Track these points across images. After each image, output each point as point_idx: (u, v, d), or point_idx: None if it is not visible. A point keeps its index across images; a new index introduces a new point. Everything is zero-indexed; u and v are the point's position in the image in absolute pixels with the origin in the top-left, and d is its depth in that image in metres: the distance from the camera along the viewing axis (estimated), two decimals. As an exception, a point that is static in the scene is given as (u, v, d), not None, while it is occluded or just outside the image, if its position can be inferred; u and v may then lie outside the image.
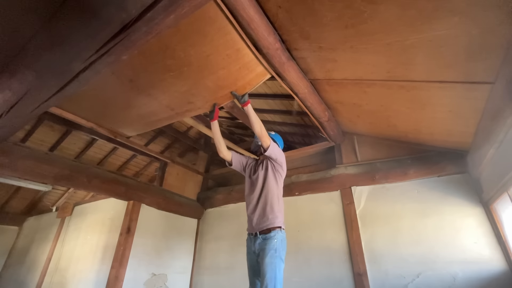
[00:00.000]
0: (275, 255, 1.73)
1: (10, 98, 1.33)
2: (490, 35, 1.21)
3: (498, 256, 2.06)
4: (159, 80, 1.99)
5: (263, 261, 1.73)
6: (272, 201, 1.89)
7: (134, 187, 3.14)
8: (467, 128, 2.00)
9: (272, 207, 1.86)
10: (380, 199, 2.72)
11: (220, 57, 1.79)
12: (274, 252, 1.74)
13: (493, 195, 2.06)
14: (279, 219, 1.84)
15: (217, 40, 1.67)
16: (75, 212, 4.14)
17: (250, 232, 1.93)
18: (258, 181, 1.99)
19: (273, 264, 1.70)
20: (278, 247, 1.75)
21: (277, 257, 1.73)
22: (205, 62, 1.82)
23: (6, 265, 4.72)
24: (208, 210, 4.03)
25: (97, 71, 1.26)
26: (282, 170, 2.02)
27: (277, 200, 1.91)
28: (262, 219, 1.85)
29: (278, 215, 1.85)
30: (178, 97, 2.19)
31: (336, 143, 3.16)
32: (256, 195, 1.95)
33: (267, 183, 1.95)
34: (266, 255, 1.73)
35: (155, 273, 3.18)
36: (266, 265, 1.70)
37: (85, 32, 1.07)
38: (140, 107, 2.29)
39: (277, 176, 1.99)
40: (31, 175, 2.40)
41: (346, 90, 2.16)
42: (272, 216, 1.83)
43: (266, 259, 1.72)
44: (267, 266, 1.69)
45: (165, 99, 2.21)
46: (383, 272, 2.43)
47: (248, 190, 2.06)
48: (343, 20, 1.41)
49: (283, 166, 2.03)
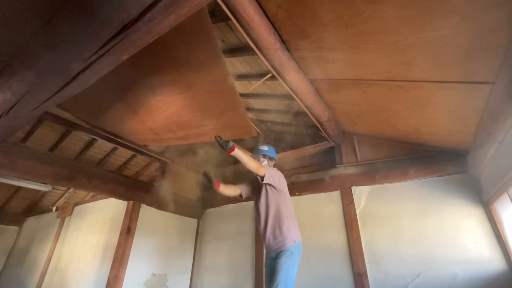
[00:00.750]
0: (291, 256, 1.80)
1: (10, 98, 1.33)
2: (490, 35, 1.20)
3: (498, 256, 2.06)
4: (145, 99, 1.96)
5: (278, 260, 1.80)
6: (279, 223, 1.92)
7: (134, 187, 3.14)
8: (467, 128, 1.99)
9: (281, 229, 1.90)
10: (380, 199, 2.72)
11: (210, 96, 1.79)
12: (290, 254, 1.81)
13: (493, 195, 2.06)
14: (289, 239, 1.87)
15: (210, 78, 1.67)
16: (75, 212, 4.14)
17: (267, 252, 2.00)
18: (261, 207, 2.03)
19: (288, 264, 1.77)
20: (294, 251, 1.84)
21: (292, 259, 1.80)
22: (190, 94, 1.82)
23: (6, 265, 4.72)
24: (208, 210, 4.03)
25: (97, 71, 1.26)
26: (283, 187, 2.06)
27: (284, 219, 1.93)
28: (274, 242, 1.90)
29: (288, 235, 1.88)
30: (160, 122, 2.15)
31: (336, 143, 3.16)
32: (263, 220, 1.99)
33: (270, 207, 1.98)
34: (283, 255, 1.81)
35: (155, 273, 3.18)
36: (281, 263, 1.77)
37: (85, 32, 1.07)
38: (125, 121, 2.24)
39: (280, 195, 2.02)
40: (31, 175, 2.40)
41: (346, 90, 2.16)
42: (282, 238, 1.88)
43: (282, 259, 1.79)
44: (281, 265, 1.76)
45: (149, 120, 2.17)
46: (383, 272, 2.43)
47: (256, 214, 2.11)
48: (343, 20, 1.41)
49: (282, 183, 2.06)
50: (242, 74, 2.86)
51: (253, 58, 2.54)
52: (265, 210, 2.00)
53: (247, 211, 3.60)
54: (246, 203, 3.63)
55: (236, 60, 2.65)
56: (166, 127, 2.17)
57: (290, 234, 1.89)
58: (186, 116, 2.00)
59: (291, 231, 1.92)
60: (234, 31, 2.29)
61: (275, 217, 1.95)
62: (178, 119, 2.06)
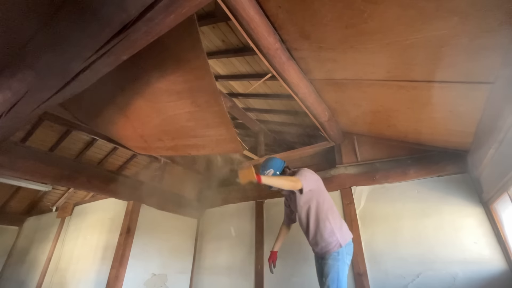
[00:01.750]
0: (337, 257, 1.75)
1: (10, 98, 1.32)
2: (490, 35, 1.20)
3: (498, 256, 2.06)
4: (136, 104, 1.92)
5: (325, 261, 1.76)
6: (320, 228, 1.84)
7: (134, 187, 3.14)
8: (467, 128, 1.99)
9: (322, 235, 1.83)
10: (380, 199, 2.72)
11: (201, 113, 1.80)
12: (337, 254, 1.76)
13: (493, 195, 2.06)
14: (333, 244, 1.79)
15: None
16: (75, 212, 4.14)
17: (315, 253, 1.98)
18: (301, 214, 1.95)
19: (336, 266, 1.71)
20: (341, 251, 1.77)
21: (339, 259, 1.74)
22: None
23: (6, 265, 4.72)
24: (208, 210, 4.03)
25: (97, 71, 1.26)
26: (320, 185, 1.97)
27: (326, 223, 1.84)
28: (318, 248, 1.86)
29: (331, 240, 1.80)
30: (150, 129, 2.11)
31: (336, 143, 3.16)
32: (305, 226, 1.94)
33: (310, 212, 1.90)
34: (329, 257, 1.76)
35: (155, 273, 3.18)
36: (328, 266, 1.73)
37: (85, 32, 1.07)
38: (118, 125, 2.19)
39: (319, 195, 1.92)
40: (31, 175, 2.40)
41: (346, 90, 2.16)
42: (324, 244, 1.82)
43: (328, 261, 1.74)
44: (329, 267, 1.72)
45: (139, 127, 2.14)
46: (383, 272, 2.43)
47: (298, 220, 2.03)
48: (343, 20, 1.41)
49: (318, 182, 1.96)
50: (242, 74, 2.86)
51: (253, 58, 2.54)
52: (305, 217, 1.92)
53: (247, 211, 3.60)
54: (246, 203, 3.63)
55: (236, 60, 2.65)
56: (156, 136, 2.15)
57: (333, 239, 1.79)
58: (174, 125, 1.98)
59: (335, 234, 1.81)
60: (234, 31, 2.29)
61: (315, 222, 1.86)
62: (167, 128, 2.04)
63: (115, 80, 1.76)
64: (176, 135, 2.08)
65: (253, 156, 3.78)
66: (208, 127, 1.93)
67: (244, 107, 3.60)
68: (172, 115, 1.89)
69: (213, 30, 2.34)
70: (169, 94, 1.74)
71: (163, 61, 1.57)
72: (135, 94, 1.84)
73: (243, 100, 3.46)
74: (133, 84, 1.78)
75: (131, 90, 1.82)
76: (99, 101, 2.05)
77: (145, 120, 2.03)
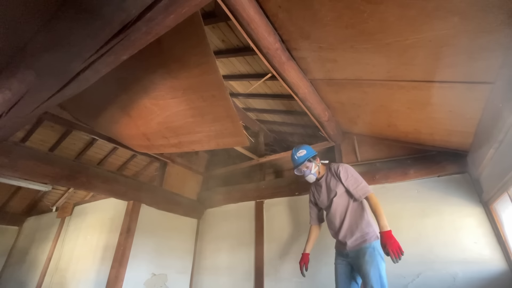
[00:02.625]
0: (374, 253, 1.63)
1: (10, 98, 1.33)
2: (490, 35, 1.20)
3: (498, 256, 2.06)
4: (139, 102, 1.91)
5: (362, 259, 1.62)
6: (359, 219, 1.80)
7: (134, 187, 3.14)
8: (467, 128, 1.99)
9: (360, 224, 1.78)
10: (380, 199, 2.67)
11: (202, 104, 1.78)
12: (372, 250, 1.64)
13: (493, 195, 2.06)
14: (371, 234, 1.73)
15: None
16: (75, 212, 4.14)
17: (340, 250, 1.89)
18: (338, 208, 1.90)
19: (375, 262, 1.60)
20: (376, 245, 1.68)
21: (377, 255, 1.63)
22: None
23: (6, 265, 4.72)
24: (208, 210, 4.03)
25: (97, 71, 1.26)
26: None
27: (364, 214, 1.82)
28: (354, 238, 1.76)
29: (368, 231, 1.75)
30: (154, 127, 2.10)
31: (336, 143, 3.16)
32: (339, 219, 1.88)
33: (350, 204, 1.87)
34: (365, 253, 1.63)
35: (155, 273, 3.18)
36: (367, 263, 1.59)
37: (85, 32, 1.07)
38: (120, 124, 2.17)
39: None
40: (31, 175, 2.39)
41: (346, 90, 2.16)
42: (360, 234, 1.74)
43: (366, 257, 1.61)
44: (369, 265, 1.58)
45: (142, 125, 2.11)
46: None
47: (328, 216, 1.98)
48: (343, 20, 1.41)
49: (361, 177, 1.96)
50: (242, 74, 2.87)
51: (253, 58, 2.54)
52: (343, 209, 1.87)
53: (247, 211, 3.60)
54: (246, 203, 3.63)
55: (236, 60, 2.65)
56: (159, 133, 2.14)
57: (370, 229, 1.75)
58: (179, 122, 1.97)
59: (372, 225, 1.77)
60: (234, 31, 2.29)
61: (354, 213, 1.81)
62: (171, 125, 2.03)
63: (117, 80, 1.76)
64: (181, 131, 2.07)
65: (253, 156, 3.78)
66: (214, 121, 1.92)
67: (244, 107, 3.60)
68: (176, 112, 1.89)
69: (213, 30, 2.34)
70: (174, 90, 1.74)
71: (169, 58, 1.58)
72: (138, 93, 1.84)
73: (243, 100, 3.46)
74: (136, 84, 1.78)
75: (133, 89, 1.82)
76: (100, 101, 2.05)
77: (148, 118, 2.02)
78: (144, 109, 1.96)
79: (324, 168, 2.16)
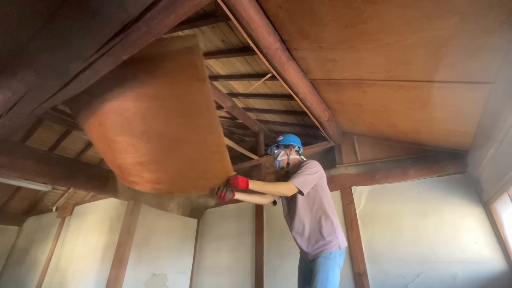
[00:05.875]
0: (329, 256, 1.56)
1: (10, 98, 1.33)
2: (490, 35, 1.20)
3: (498, 256, 2.06)
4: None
5: (316, 261, 1.57)
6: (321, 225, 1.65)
7: (134, 187, 3.14)
8: (467, 128, 1.99)
9: (322, 232, 1.64)
10: (380, 199, 2.72)
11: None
12: (329, 254, 1.57)
13: (493, 195, 2.06)
14: (333, 243, 1.60)
15: None
16: (75, 212, 4.14)
17: (302, 256, 1.77)
18: (298, 208, 1.75)
19: (326, 265, 1.53)
20: (334, 253, 1.59)
21: (331, 259, 1.56)
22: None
23: (6, 265, 4.72)
24: (208, 210, 4.03)
25: (97, 71, 1.26)
26: (323, 182, 1.81)
27: (328, 220, 1.67)
28: (313, 248, 1.64)
29: (330, 239, 1.61)
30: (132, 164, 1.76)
31: (336, 143, 3.16)
32: (299, 223, 1.73)
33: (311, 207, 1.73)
34: (320, 256, 1.57)
35: (155, 273, 3.18)
36: (319, 265, 1.53)
37: (85, 32, 1.07)
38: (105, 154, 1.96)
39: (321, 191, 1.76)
40: (31, 175, 2.40)
41: (346, 90, 2.16)
42: (322, 243, 1.61)
43: (320, 259, 1.55)
44: (320, 266, 1.53)
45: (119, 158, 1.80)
46: (383, 272, 2.43)
47: (288, 216, 1.84)
48: (343, 20, 1.41)
49: (322, 179, 1.79)
50: (242, 74, 2.86)
51: (253, 58, 2.54)
52: (305, 212, 1.73)
53: (247, 211, 3.60)
54: (246, 203, 3.63)
55: (236, 60, 2.65)
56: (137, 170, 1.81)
57: (333, 238, 1.62)
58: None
59: (336, 234, 1.64)
60: (234, 31, 2.29)
61: (315, 219, 1.68)
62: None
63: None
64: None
65: (253, 156, 3.78)
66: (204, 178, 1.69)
67: (244, 107, 3.60)
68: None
69: (213, 30, 2.34)
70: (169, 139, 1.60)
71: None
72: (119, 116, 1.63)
73: (243, 100, 3.46)
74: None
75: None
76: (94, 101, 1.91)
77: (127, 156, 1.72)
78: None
79: (297, 163, 1.96)
